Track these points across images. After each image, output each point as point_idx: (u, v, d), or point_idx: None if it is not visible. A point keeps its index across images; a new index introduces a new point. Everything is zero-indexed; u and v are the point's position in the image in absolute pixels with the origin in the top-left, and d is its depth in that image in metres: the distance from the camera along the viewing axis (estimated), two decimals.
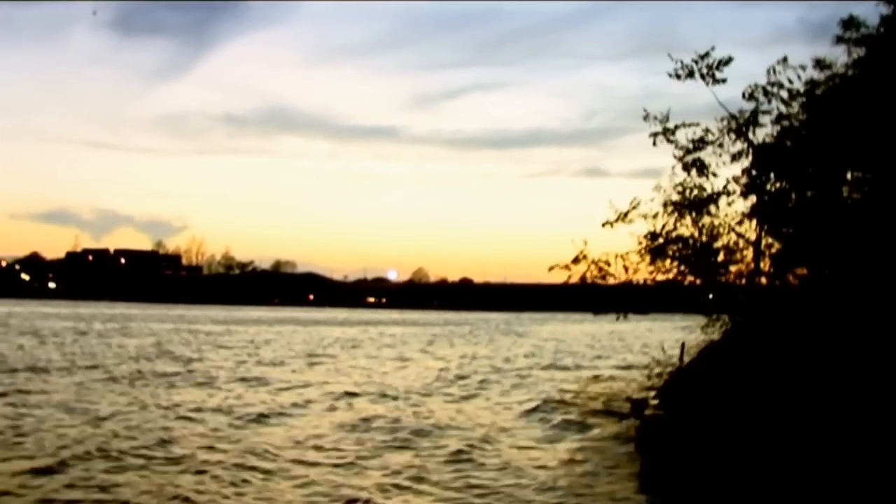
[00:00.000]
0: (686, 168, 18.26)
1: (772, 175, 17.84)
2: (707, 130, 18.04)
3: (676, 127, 18.20)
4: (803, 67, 17.42)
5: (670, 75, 17.79)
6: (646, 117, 18.24)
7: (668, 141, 18.22)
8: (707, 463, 11.53)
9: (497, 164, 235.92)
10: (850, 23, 16.99)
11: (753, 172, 17.88)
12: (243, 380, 25.23)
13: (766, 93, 17.49)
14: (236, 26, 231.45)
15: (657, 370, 23.12)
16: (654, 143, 18.26)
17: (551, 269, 19.02)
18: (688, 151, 18.19)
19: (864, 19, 17.01)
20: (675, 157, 18.31)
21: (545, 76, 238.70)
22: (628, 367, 32.22)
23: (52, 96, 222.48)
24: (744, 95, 17.67)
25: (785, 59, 17.33)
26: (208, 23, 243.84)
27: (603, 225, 18.46)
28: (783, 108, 17.65)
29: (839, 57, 17.44)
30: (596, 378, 28.17)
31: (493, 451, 14.49)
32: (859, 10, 17.27)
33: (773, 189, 17.73)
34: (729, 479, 10.85)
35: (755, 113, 17.73)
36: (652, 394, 18.59)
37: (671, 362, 21.24)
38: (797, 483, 9.95)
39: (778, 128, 17.86)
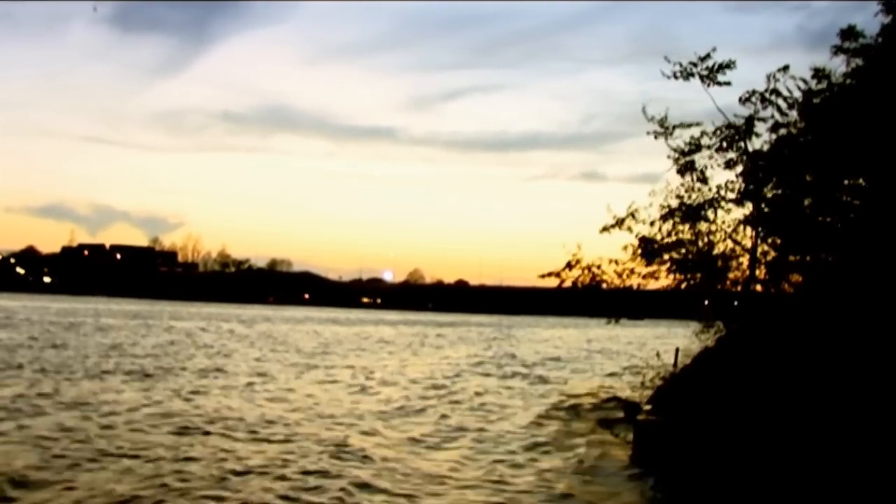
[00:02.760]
0: (681, 171, 18.19)
1: (769, 183, 17.83)
2: (704, 133, 18.00)
3: (675, 127, 18.15)
4: (805, 80, 17.36)
5: (667, 76, 17.70)
6: (643, 113, 18.15)
7: (666, 141, 18.17)
8: (700, 468, 11.53)
9: (495, 166, 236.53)
10: (849, 33, 16.97)
11: (743, 182, 17.84)
12: None
13: (763, 100, 17.43)
14: (235, 24, 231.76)
15: (651, 375, 23.11)
16: (656, 137, 18.19)
17: (543, 276, 18.96)
18: (683, 154, 18.13)
19: (863, 29, 17.00)
20: (670, 157, 18.24)
21: (543, 79, 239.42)
22: (622, 372, 32.23)
23: (50, 91, 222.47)
24: (741, 100, 17.62)
25: (786, 68, 17.29)
26: (207, 20, 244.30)
27: (601, 231, 18.39)
28: (780, 117, 17.60)
29: (839, 67, 17.42)
30: (589, 382, 28.18)
31: (485, 452, 14.50)
32: (859, 20, 17.26)
33: (770, 196, 17.72)
34: (722, 484, 10.85)
35: (751, 120, 17.68)
36: (645, 399, 18.62)
37: (665, 368, 21.25)
38: (790, 489, 9.95)
39: (775, 136, 17.84)
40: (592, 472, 12.95)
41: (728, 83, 17.58)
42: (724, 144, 17.89)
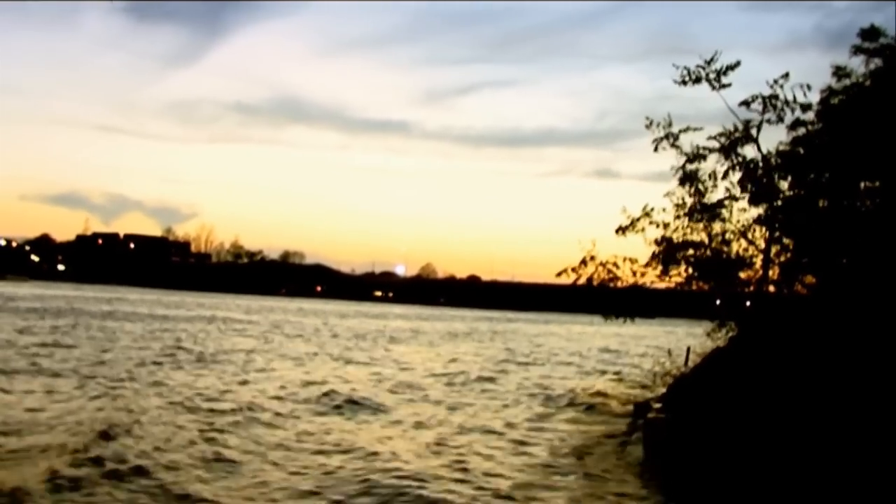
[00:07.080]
0: (683, 180, 18.02)
1: (784, 183, 17.70)
2: (711, 137, 17.86)
3: (681, 131, 17.97)
4: (810, 86, 17.19)
5: (676, 81, 17.60)
6: (648, 126, 17.98)
7: (672, 146, 17.99)
8: (710, 467, 11.51)
9: (508, 162, 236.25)
10: (869, 32, 16.78)
11: (753, 185, 17.68)
12: None
13: (765, 104, 17.28)
14: (250, 15, 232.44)
15: (662, 374, 23.09)
16: (656, 149, 18.02)
17: (559, 274, 18.90)
18: (689, 160, 17.97)
19: (884, 29, 16.79)
20: (673, 168, 18.09)
21: (557, 75, 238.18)
22: (633, 371, 32.17)
23: (64, 80, 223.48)
24: (741, 103, 17.46)
25: (786, 76, 17.13)
26: (222, 11, 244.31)
27: (616, 231, 18.28)
28: (795, 116, 17.44)
29: (858, 67, 17.22)
30: (600, 380, 28.14)
31: (496, 450, 14.51)
32: (879, 19, 16.99)
33: (784, 197, 17.59)
34: (732, 483, 10.83)
35: (750, 123, 17.54)
36: (656, 397, 18.60)
37: (676, 367, 21.21)
38: (800, 489, 9.92)
39: (794, 135, 17.69)
40: (600, 470, 12.95)
41: (728, 85, 17.40)
42: (728, 145, 17.75)
